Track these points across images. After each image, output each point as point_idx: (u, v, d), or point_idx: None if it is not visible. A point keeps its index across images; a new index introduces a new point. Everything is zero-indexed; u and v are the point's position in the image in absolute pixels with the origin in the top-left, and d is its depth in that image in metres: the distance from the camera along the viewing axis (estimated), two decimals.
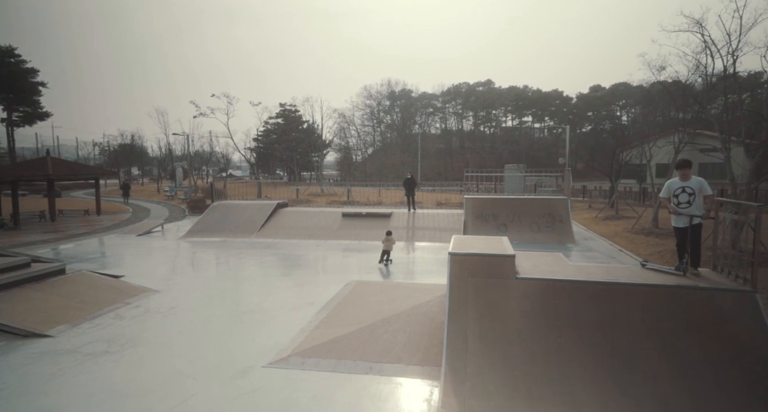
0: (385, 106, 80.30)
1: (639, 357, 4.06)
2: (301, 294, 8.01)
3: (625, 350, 4.13)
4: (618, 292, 4.48)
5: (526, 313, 4.54)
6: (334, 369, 4.66)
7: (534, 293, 4.59)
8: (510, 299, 4.60)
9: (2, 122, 53.49)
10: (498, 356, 4.23)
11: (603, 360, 4.09)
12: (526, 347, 4.28)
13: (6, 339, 5.57)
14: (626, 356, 4.08)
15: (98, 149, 66.21)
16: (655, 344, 4.14)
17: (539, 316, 4.50)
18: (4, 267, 7.06)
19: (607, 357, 4.11)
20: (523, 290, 4.58)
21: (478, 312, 4.55)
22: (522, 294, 4.59)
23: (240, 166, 74.12)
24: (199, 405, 4.03)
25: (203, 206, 21.23)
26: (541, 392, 3.89)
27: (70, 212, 23.45)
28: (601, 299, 4.48)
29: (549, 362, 4.12)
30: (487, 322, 4.49)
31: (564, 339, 4.27)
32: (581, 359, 4.11)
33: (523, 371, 4.07)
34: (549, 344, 4.26)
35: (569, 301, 4.50)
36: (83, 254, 11.86)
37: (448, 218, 15.04)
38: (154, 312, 6.84)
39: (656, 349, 4.11)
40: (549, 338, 4.30)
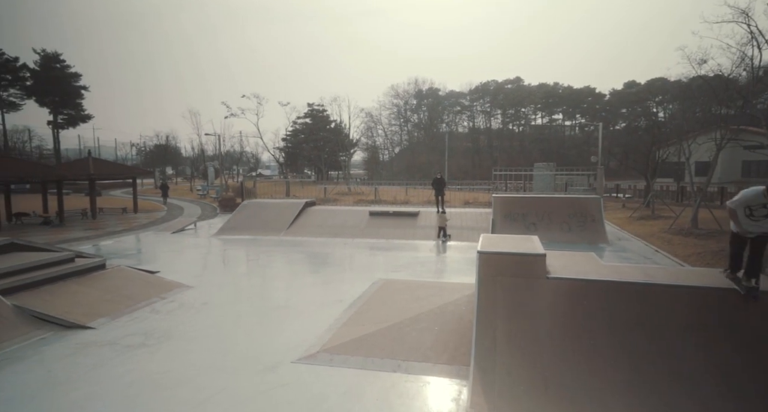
0: (412, 105, 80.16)
1: (675, 360, 3.91)
2: (328, 291, 8.10)
3: (660, 352, 3.98)
4: (654, 293, 4.31)
5: (556, 313, 4.44)
6: (362, 366, 4.68)
7: (565, 294, 4.48)
8: (540, 299, 4.51)
9: (49, 125, 56.32)
10: (527, 356, 4.15)
11: (636, 363, 3.95)
12: (556, 347, 4.19)
13: (53, 330, 5.86)
14: (661, 359, 3.93)
15: (135, 150, 68.86)
16: (692, 348, 3.97)
17: (570, 317, 4.39)
18: (51, 262, 7.42)
19: (641, 360, 3.97)
20: (554, 290, 4.48)
21: (508, 312, 4.48)
22: (553, 294, 4.49)
23: (269, 165, 75.51)
24: (229, 398, 4.13)
25: (234, 204, 21.76)
26: (571, 394, 3.80)
27: (110, 210, 24.47)
28: (635, 300, 4.33)
29: (580, 364, 4.02)
30: (517, 322, 4.41)
31: (596, 341, 4.16)
32: (614, 362, 3.99)
33: (553, 372, 3.98)
34: (580, 346, 4.15)
35: (602, 302, 4.37)
36: (122, 250, 12.34)
37: (476, 217, 14.88)
38: (187, 307, 7.05)
39: (694, 352, 3.94)
40: (580, 339, 4.20)
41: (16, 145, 55.07)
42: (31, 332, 5.70)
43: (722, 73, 15.41)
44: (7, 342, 5.35)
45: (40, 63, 53.84)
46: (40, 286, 6.89)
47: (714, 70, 15.77)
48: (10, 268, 6.73)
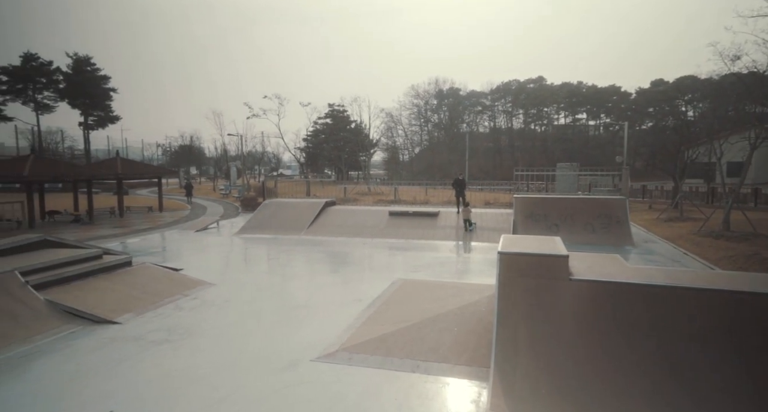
0: (432, 105, 79.80)
1: (707, 368, 3.77)
2: (347, 291, 8.12)
3: (690, 360, 3.85)
4: (683, 297, 4.17)
5: (580, 316, 4.34)
6: (381, 366, 4.67)
7: (589, 296, 4.37)
8: (563, 301, 4.41)
9: (80, 126, 58.29)
10: (549, 359, 4.07)
11: (665, 370, 3.83)
12: (579, 351, 4.09)
13: (82, 324, 6.05)
14: (691, 367, 3.80)
15: (161, 150, 70.60)
16: (726, 355, 3.82)
17: (594, 320, 4.29)
18: (81, 258, 7.66)
19: (670, 367, 3.84)
20: (578, 293, 4.38)
21: (529, 314, 4.40)
22: (576, 297, 4.39)
23: (290, 165, 76.38)
24: (250, 394, 4.18)
25: (255, 203, 22.07)
26: (594, 399, 3.71)
27: (136, 208, 25.14)
28: (662, 303, 4.19)
29: (604, 369, 3.92)
30: (538, 324, 4.33)
31: (621, 345, 4.04)
32: (640, 367, 3.88)
33: (576, 377, 3.89)
34: (604, 350, 4.05)
35: (627, 305, 4.25)
36: (147, 248, 12.66)
37: (497, 217, 14.72)
38: (209, 304, 7.17)
39: (727, 360, 3.79)
40: (605, 343, 4.09)
41: (50, 146, 57.13)
42: (62, 325, 5.89)
43: (757, 69, 14.82)
44: (40, 335, 5.54)
45: (72, 66, 55.80)
46: (70, 281, 7.13)
47: (748, 66, 15.20)
48: (43, 263, 6.98)
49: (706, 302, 4.10)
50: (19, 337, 5.39)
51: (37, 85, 55.23)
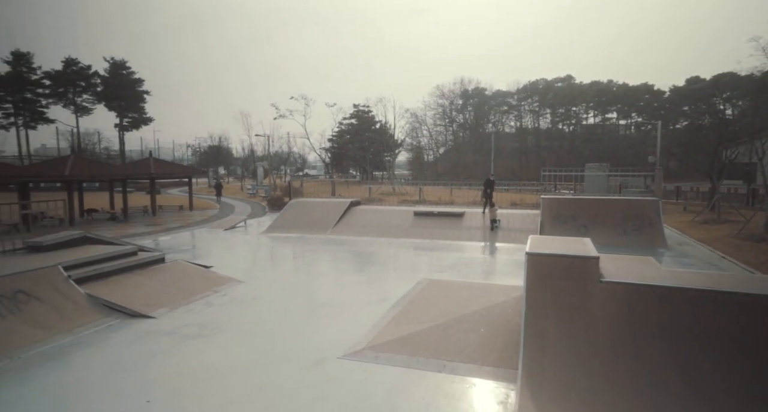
0: (457, 105, 79.27)
1: (743, 377, 3.64)
2: (373, 290, 8.18)
3: (726, 366, 3.72)
4: (720, 301, 4.03)
5: (611, 319, 4.25)
6: (408, 365, 4.70)
7: (620, 299, 4.28)
8: (593, 303, 4.33)
9: (115, 127, 60.58)
10: (579, 362, 4.01)
11: (698, 376, 3.71)
12: (610, 355, 4.01)
13: (119, 317, 6.30)
14: (729, 374, 3.67)
15: (190, 151, 72.59)
16: (762, 363, 3.67)
17: (626, 323, 4.19)
18: (118, 254, 7.98)
19: (704, 373, 3.72)
20: (609, 295, 4.29)
21: (557, 316, 4.34)
22: (607, 299, 4.30)
23: (315, 165, 77.23)
24: (279, 389, 4.27)
25: (282, 203, 22.42)
26: (625, 403, 3.63)
27: (168, 207, 25.93)
28: (698, 307, 4.06)
29: (635, 373, 3.83)
30: (567, 326, 4.27)
31: (654, 349, 3.94)
32: (672, 372, 3.77)
33: (607, 380, 3.82)
34: (637, 354, 3.96)
35: (661, 309, 4.14)
36: (178, 246, 13.04)
37: (523, 218, 14.51)
38: (239, 301, 7.34)
39: (763, 368, 3.65)
40: (635, 346, 4.00)
41: (87, 147, 59.57)
42: (101, 318, 6.15)
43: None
44: (81, 327, 5.81)
45: (109, 70, 58.04)
46: (108, 277, 7.42)
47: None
48: (83, 259, 7.30)
49: (749, 306, 3.95)
50: (63, 328, 5.66)
51: (76, 89, 57.76)
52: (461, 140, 77.85)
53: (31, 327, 5.48)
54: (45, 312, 5.85)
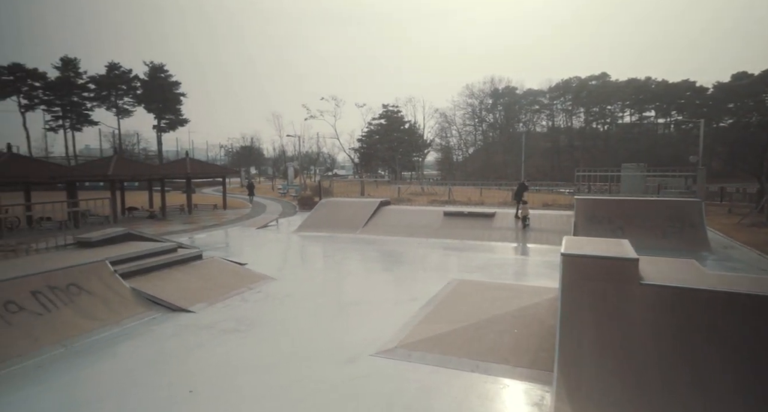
0: (487, 105, 78.30)
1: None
2: (403, 289, 8.22)
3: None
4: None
5: (650, 323, 4.14)
6: (440, 364, 4.71)
7: (661, 302, 4.16)
8: (632, 306, 4.23)
9: (154, 129, 62.99)
10: (617, 366, 3.93)
11: (746, 383, 3.57)
12: (650, 359, 3.91)
13: (161, 311, 6.58)
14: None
15: (223, 151, 74.64)
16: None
17: (666, 328, 4.07)
18: (159, 251, 8.32)
19: (752, 380, 3.58)
20: (648, 298, 4.18)
21: (594, 318, 4.26)
22: (646, 302, 4.19)
23: (344, 166, 77.93)
24: (314, 384, 4.37)
25: (312, 202, 22.76)
26: (662, 408, 3.53)
27: (203, 206, 26.77)
28: (745, 313, 3.91)
29: (677, 380, 3.72)
30: (604, 329, 4.19)
31: (697, 355, 3.81)
32: (717, 380, 3.64)
33: (647, 386, 3.72)
34: (675, 360, 3.84)
35: (705, 313, 4.00)
36: (213, 243, 13.45)
37: (556, 219, 14.22)
38: (272, 298, 7.52)
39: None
40: (676, 352, 3.88)
41: (127, 148, 62.19)
42: (144, 312, 6.45)
43: None
44: (127, 319, 6.10)
45: (148, 73, 60.39)
46: (150, 272, 7.74)
47: None
48: (128, 255, 7.65)
49: None
50: (111, 320, 5.97)
51: (118, 92, 60.42)
52: (491, 140, 76.85)
53: (82, 318, 5.80)
54: (94, 304, 6.18)
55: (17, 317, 5.29)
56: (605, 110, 72.87)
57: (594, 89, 72.29)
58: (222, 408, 3.94)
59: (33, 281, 5.90)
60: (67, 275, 6.34)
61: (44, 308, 5.67)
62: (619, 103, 71.78)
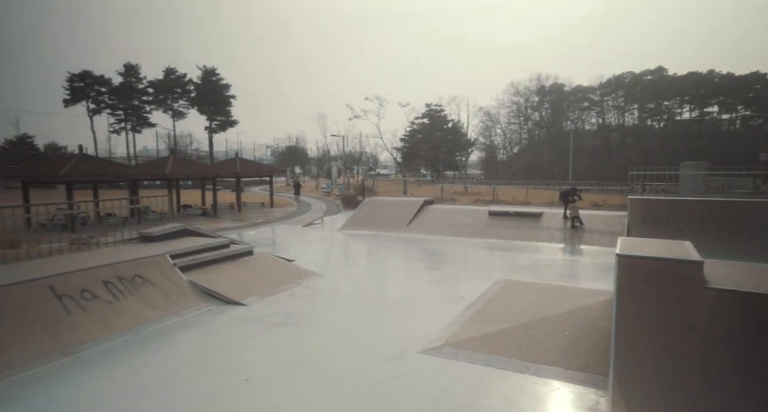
0: (533, 103, 76.08)
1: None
2: (447, 288, 8.20)
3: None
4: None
5: (715, 330, 3.91)
6: (488, 364, 4.67)
7: (729, 309, 3.92)
8: (695, 312, 4.01)
9: (205, 130, 66.00)
10: (677, 373, 3.74)
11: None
12: (715, 369, 3.70)
13: (216, 304, 6.92)
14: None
15: (269, 151, 76.97)
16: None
17: (734, 336, 3.84)
18: (213, 246, 8.74)
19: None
20: (716, 304, 3.95)
21: (653, 323, 4.08)
22: (713, 308, 3.96)
23: (386, 165, 78.29)
24: (362, 379, 4.46)
25: (355, 201, 23.05)
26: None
27: (251, 204, 27.76)
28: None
29: (745, 392, 3.49)
30: (664, 335, 4.00)
31: (766, 366, 3.57)
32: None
33: (709, 394, 3.52)
34: (744, 370, 3.61)
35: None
36: (261, 240, 13.93)
37: (607, 220, 13.64)
38: (320, 293, 7.71)
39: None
40: (744, 362, 3.64)
41: (181, 148, 65.48)
42: (201, 303, 6.80)
43: None
44: (185, 310, 6.47)
45: (201, 77, 63.34)
46: (205, 266, 8.14)
47: None
48: (185, 249, 8.09)
49: None
50: (171, 310, 6.34)
51: (174, 95, 63.79)
52: (536, 139, 74.59)
53: (146, 307, 6.21)
54: (157, 295, 6.59)
55: (92, 304, 5.74)
56: (661, 106, 68.82)
57: (649, 84, 68.44)
58: (276, 397, 4.11)
59: (104, 272, 6.37)
60: (132, 267, 6.80)
61: (114, 296, 6.11)
62: (677, 99, 67.53)
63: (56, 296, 5.56)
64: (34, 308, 5.29)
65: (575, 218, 13.37)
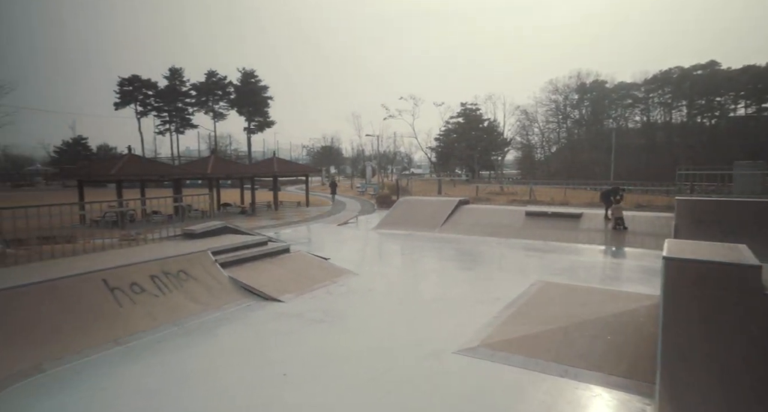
0: (572, 101, 73.70)
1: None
2: (483, 289, 8.09)
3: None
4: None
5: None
6: (525, 366, 4.58)
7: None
8: (751, 319, 3.78)
9: (244, 130, 67.99)
10: (732, 384, 3.54)
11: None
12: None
13: (255, 299, 7.11)
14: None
15: (305, 151, 78.34)
16: None
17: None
18: (252, 243, 8.99)
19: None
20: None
21: (706, 331, 3.88)
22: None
23: (420, 165, 78.00)
24: (398, 377, 4.47)
25: (389, 201, 23.11)
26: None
27: (288, 203, 28.35)
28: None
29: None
30: (717, 342, 3.80)
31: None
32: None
33: (766, 409, 3.32)
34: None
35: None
36: (298, 238, 14.19)
37: (652, 221, 13.06)
38: (355, 292, 7.78)
39: None
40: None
41: (221, 149, 67.69)
42: (241, 299, 7.01)
43: None
44: (226, 305, 6.69)
45: (241, 79, 65.29)
46: (244, 263, 8.38)
47: None
48: (225, 246, 8.36)
49: None
50: (213, 305, 6.58)
51: (215, 97, 66.07)
52: (576, 138, 72.21)
53: (190, 301, 6.46)
54: (199, 290, 6.85)
55: (140, 297, 6.04)
56: (713, 103, 65.07)
57: (699, 79, 64.79)
58: (314, 392, 4.18)
59: (151, 267, 6.68)
60: (177, 262, 7.09)
61: (160, 290, 6.40)
62: (732, 94, 63.69)
63: (109, 288, 5.88)
64: (90, 299, 5.62)
65: (618, 220, 12.85)
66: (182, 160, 62.61)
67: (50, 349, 4.79)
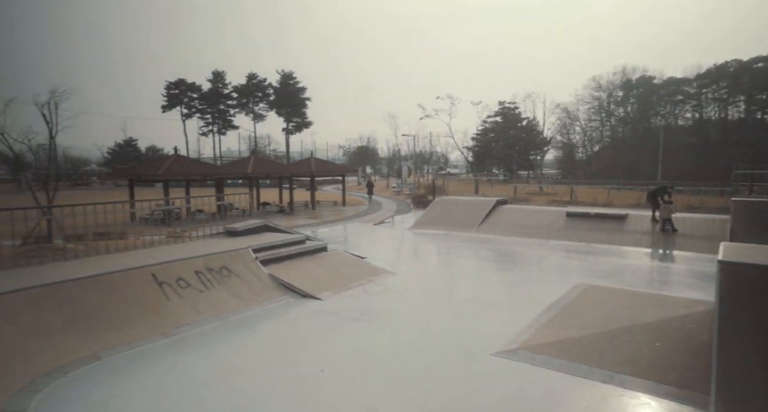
0: (617, 98, 70.70)
1: None
2: (523, 291, 7.93)
3: None
4: None
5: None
6: (567, 371, 4.44)
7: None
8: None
9: (283, 131, 69.62)
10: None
11: None
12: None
13: (293, 296, 7.26)
14: None
15: (341, 151, 79.15)
16: None
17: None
18: (291, 242, 9.19)
19: None
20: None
21: (763, 338, 3.63)
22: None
23: (456, 165, 77.13)
24: (437, 377, 4.45)
25: (425, 201, 23.00)
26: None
27: (324, 202, 28.76)
28: None
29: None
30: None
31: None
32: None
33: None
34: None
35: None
36: (334, 237, 14.38)
37: (705, 223, 12.35)
38: (392, 291, 7.79)
39: None
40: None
41: (260, 149, 69.51)
42: (280, 296, 7.18)
43: None
44: (266, 301, 6.87)
45: (280, 81, 66.88)
46: (283, 260, 8.57)
47: None
48: (265, 244, 8.59)
49: None
50: (253, 301, 6.78)
51: (255, 99, 68.04)
52: (620, 136, 69.22)
53: (232, 297, 6.69)
54: (240, 286, 7.07)
55: (186, 292, 6.31)
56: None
57: (759, 73, 60.46)
58: (352, 389, 4.23)
59: (196, 263, 6.96)
60: (220, 259, 7.35)
61: (204, 286, 6.66)
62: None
63: (157, 282, 6.18)
64: (141, 293, 5.92)
65: (666, 221, 12.21)
66: (224, 160, 64.82)
67: (108, 339, 5.09)
